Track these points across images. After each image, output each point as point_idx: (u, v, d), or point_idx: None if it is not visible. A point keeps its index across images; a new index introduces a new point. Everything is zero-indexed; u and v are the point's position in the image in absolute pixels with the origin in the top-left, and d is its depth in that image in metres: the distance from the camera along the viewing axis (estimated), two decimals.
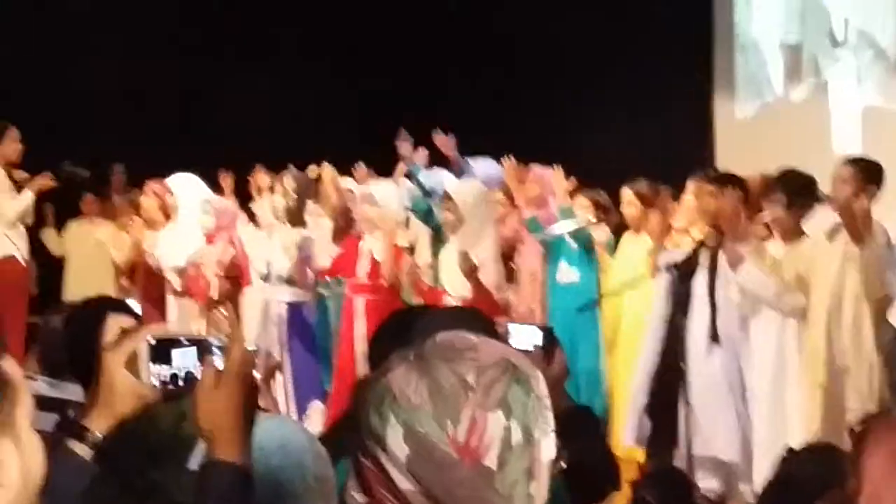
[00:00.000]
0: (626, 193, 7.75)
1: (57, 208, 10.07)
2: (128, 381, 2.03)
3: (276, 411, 3.65)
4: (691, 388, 6.10)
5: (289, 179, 7.93)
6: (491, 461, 1.58)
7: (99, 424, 2.06)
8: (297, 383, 7.70)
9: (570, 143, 9.90)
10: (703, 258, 6.39)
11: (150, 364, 1.96)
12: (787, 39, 10.38)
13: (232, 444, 1.77)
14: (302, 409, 7.67)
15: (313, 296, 8.00)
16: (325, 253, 7.96)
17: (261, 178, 9.01)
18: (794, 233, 6.20)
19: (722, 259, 6.27)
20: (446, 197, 7.43)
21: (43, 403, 2.45)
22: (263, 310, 7.97)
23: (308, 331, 7.88)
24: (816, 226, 6.25)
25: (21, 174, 8.53)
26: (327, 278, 8.01)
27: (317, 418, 7.43)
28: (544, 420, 1.65)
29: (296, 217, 7.96)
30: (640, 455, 6.74)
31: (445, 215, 7.43)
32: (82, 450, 2.04)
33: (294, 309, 7.90)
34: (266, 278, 8.09)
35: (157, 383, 1.95)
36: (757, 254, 6.06)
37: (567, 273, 7.77)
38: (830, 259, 5.85)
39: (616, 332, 7.67)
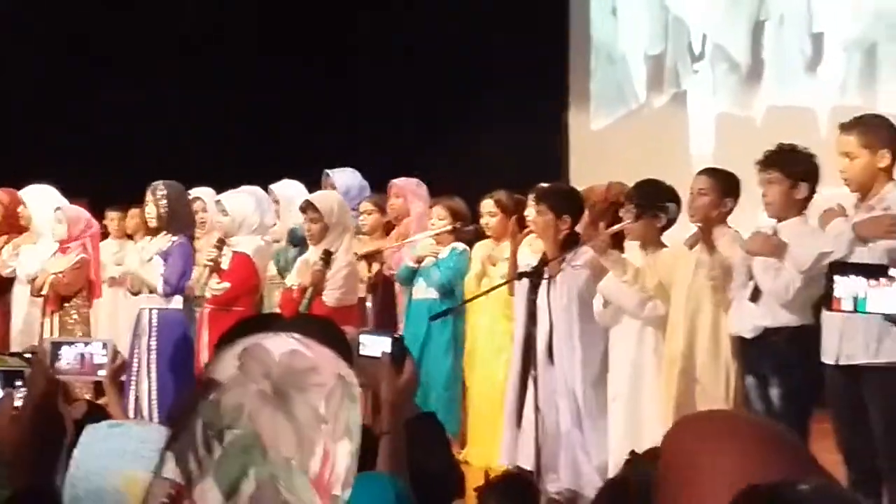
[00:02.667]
0: (486, 203, 7.41)
1: None
2: None
3: (124, 417, 3.49)
4: (539, 395, 5.80)
5: (160, 188, 7.38)
6: (338, 490, 1.51)
7: None
8: (163, 391, 7.09)
9: (429, 157, 9.58)
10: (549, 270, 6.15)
11: None
12: (651, 51, 10.44)
13: (30, 474, 1.67)
14: (165, 419, 6.87)
15: (187, 304, 7.37)
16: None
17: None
18: (653, 242, 5.89)
19: (566, 271, 6.11)
20: (309, 207, 7.00)
21: None
22: (135, 316, 7.35)
23: (178, 338, 7.26)
24: (677, 235, 5.97)
25: None
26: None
27: None
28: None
29: (168, 226, 7.33)
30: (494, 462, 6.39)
31: (309, 226, 6.97)
32: None
33: (163, 317, 7.26)
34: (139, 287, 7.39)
35: None
36: (619, 265, 5.78)
37: (423, 291, 7.44)
38: (689, 268, 5.57)
39: (475, 341, 7.31)
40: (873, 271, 1.89)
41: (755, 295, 5.18)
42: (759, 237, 5.20)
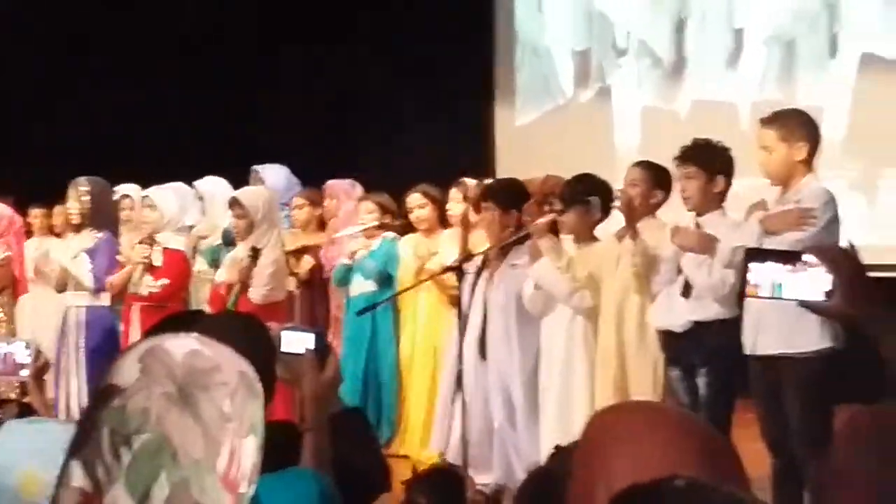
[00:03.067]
0: (414, 197, 7.37)
1: None
2: None
3: (48, 413, 3.43)
4: (466, 389, 5.64)
5: (83, 183, 7.17)
6: (244, 486, 1.48)
7: None
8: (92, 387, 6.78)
9: (356, 153, 9.51)
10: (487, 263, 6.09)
11: None
12: (577, 47, 10.49)
13: None
14: None
15: (115, 301, 7.21)
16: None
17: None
18: (585, 236, 5.86)
19: (506, 270, 6.05)
20: (236, 203, 6.89)
21: None
22: (63, 314, 7.18)
23: (107, 336, 7.08)
24: (609, 227, 5.92)
25: None
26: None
27: None
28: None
29: (93, 222, 7.15)
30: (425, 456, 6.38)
31: (236, 222, 6.87)
32: None
33: (92, 314, 7.09)
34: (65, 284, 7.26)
35: None
36: (554, 252, 5.71)
37: (360, 286, 7.35)
38: (619, 259, 5.54)
39: (413, 336, 7.27)
40: (789, 257, 1.90)
41: (686, 290, 5.17)
42: (691, 232, 5.18)
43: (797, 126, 4.90)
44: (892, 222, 8.09)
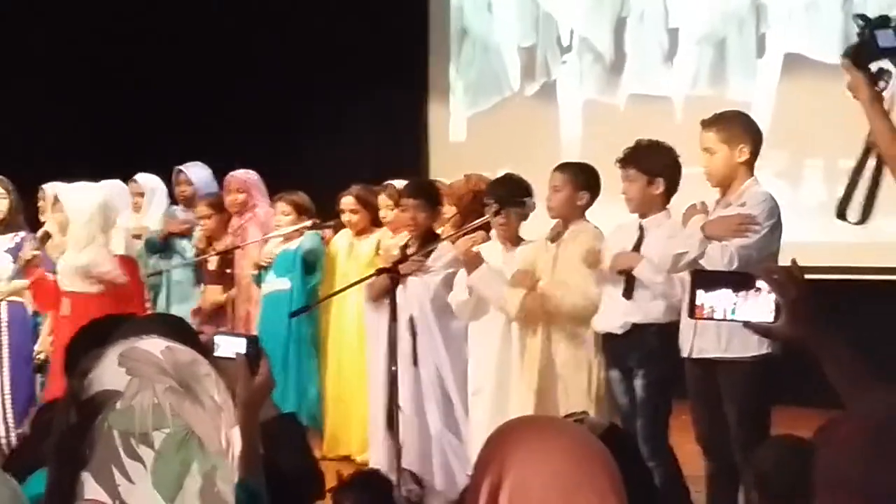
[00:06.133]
0: (346, 201, 6.84)
1: None
2: None
3: None
4: (401, 394, 5.27)
5: (5, 181, 6.53)
6: (236, 476, 1.39)
7: None
8: (15, 387, 6.30)
9: (288, 151, 9.04)
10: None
11: None
12: (523, 44, 10.44)
13: None
14: (19, 414, 6.23)
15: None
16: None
17: None
18: (512, 237, 5.46)
19: (423, 272, 5.68)
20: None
21: None
22: None
23: (28, 332, 6.53)
24: (537, 230, 5.57)
25: None
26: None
27: None
28: None
29: (14, 220, 6.49)
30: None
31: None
32: None
33: (14, 310, 6.46)
34: None
35: None
36: (496, 256, 5.35)
37: (273, 283, 6.79)
38: (549, 262, 5.18)
39: (338, 338, 6.79)
40: (740, 283, 1.80)
41: (628, 291, 4.86)
42: (620, 256, 4.87)
43: (739, 128, 4.62)
44: (813, 205, 8.16)
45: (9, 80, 9.71)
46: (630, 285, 4.84)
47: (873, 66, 2.61)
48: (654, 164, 4.89)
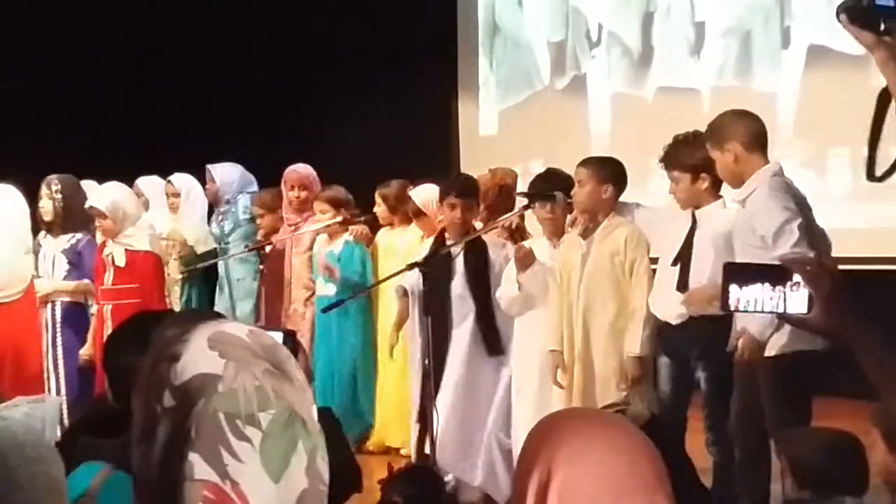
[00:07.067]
0: (382, 193, 6.80)
1: None
2: None
3: None
4: (445, 391, 5.21)
5: (55, 182, 6.36)
6: None
7: None
8: (70, 388, 6.26)
9: (320, 147, 8.88)
10: (460, 260, 5.49)
11: None
12: (553, 38, 10.46)
13: None
14: (76, 415, 5.80)
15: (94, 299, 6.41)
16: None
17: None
18: (559, 232, 5.31)
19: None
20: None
21: None
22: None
23: (86, 334, 6.39)
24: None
25: None
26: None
27: None
28: None
29: (66, 221, 6.32)
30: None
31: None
32: None
33: (68, 311, 6.39)
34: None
35: None
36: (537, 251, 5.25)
37: (323, 287, 6.73)
38: (580, 260, 5.07)
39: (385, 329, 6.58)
40: (773, 275, 1.78)
41: (683, 284, 4.75)
42: (697, 295, 4.68)
43: (728, 127, 4.58)
44: (839, 194, 8.14)
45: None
46: (685, 278, 4.73)
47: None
48: (695, 159, 4.76)
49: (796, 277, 1.82)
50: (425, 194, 6.27)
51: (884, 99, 2.17)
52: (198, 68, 10.27)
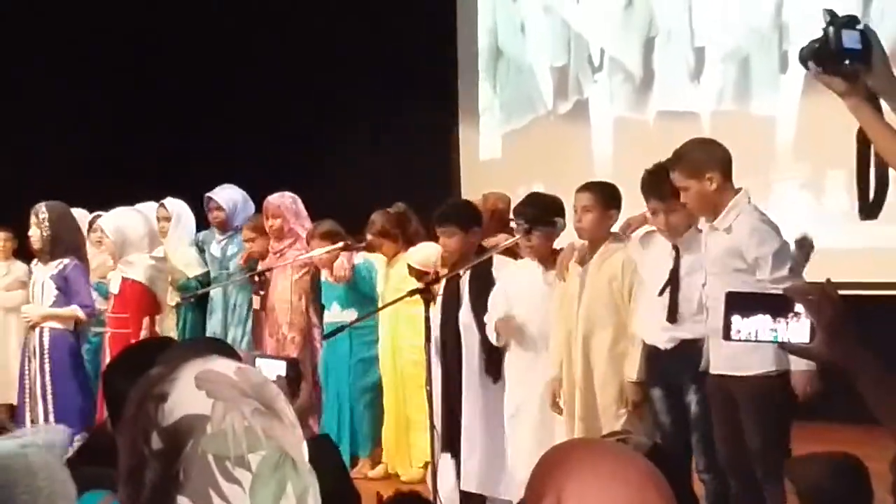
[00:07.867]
0: (375, 223, 6.69)
1: None
2: None
3: None
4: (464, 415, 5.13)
5: (42, 211, 6.27)
6: None
7: None
8: (60, 415, 6.08)
9: (320, 171, 8.91)
10: (466, 287, 5.36)
11: None
12: (555, 63, 10.48)
13: None
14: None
15: (85, 326, 6.44)
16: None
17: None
18: (549, 257, 5.14)
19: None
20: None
21: None
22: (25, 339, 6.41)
23: (74, 360, 6.33)
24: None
25: None
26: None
27: None
28: None
29: (54, 247, 6.27)
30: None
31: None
32: None
33: (56, 337, 6.28)
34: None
35: None
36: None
37: (337, 315, 6.60)
38: (578, 287, 4.93)
39: (391, 355, 6.58)
40: (774, 304, 1.75)
41: (672, 315, 4.60)
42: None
43: (703, 156, 4.46)
44: (836, 215, 8.13)
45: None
46: (674, 309, 4.58)
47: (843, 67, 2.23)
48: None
49: (798, 307, 1.79)
50: (423, 253, 6.22)
51: (863, 139, 2.14)
52: (198, 68, 10.22)
